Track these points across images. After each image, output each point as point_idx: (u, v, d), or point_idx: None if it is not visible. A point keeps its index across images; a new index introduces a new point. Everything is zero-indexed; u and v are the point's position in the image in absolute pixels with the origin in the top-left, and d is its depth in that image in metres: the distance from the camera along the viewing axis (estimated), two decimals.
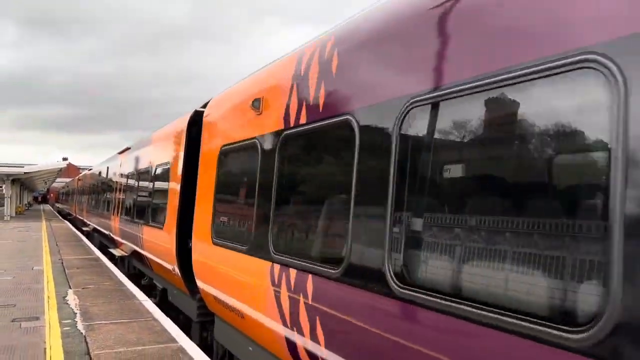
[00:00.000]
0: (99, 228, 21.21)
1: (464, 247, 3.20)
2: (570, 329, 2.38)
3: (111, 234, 17.45)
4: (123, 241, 15.13)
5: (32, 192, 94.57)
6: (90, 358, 6.84)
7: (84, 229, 29.16)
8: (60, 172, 56.69)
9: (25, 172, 41.33)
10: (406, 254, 3.55)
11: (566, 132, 2.75)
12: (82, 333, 8.06)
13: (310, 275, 4.48)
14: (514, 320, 2.62)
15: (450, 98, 3.28)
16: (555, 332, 2.44)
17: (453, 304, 3.01)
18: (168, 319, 9.14)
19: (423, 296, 3.24)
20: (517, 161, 3.07)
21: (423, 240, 3.51)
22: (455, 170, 3.55)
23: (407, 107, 3.59)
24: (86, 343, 7.52)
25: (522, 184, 3.03)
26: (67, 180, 70.34)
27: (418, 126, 3.59)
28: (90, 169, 31.33)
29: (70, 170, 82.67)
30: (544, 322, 2.49)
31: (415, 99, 3.55)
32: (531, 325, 2.53)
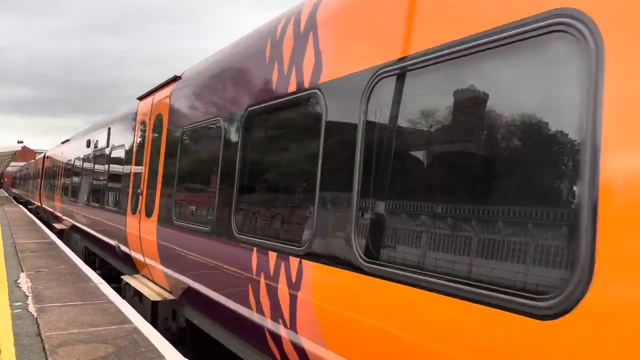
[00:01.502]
0: (88, 230, 14.35)
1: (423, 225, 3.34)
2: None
3: (128, 249, 10.15)
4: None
5: None
6: (42, 339, 6.72)
7: (56, 226, 21.46)
8: (15, 156, 54.93)
9: None
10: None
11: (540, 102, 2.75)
12: (33, 315, 7.90)
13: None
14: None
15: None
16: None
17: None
18: (123, 300, 9.06)
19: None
20: (485, 139, 3.12)
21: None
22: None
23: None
24: (37, 325, 7.38)
25: (492, 161, 3.05)
26: (22, 164, 68.18)
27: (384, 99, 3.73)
28: (67, 141, 22.07)
29: (26, 153, 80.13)
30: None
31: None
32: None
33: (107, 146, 12.74)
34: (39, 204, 31.19)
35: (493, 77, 2.95)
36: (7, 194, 69.73)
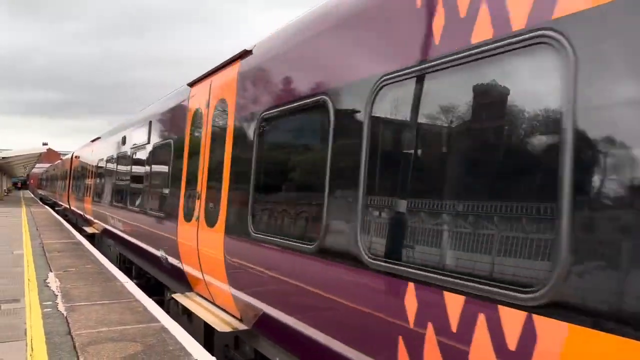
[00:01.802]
0: (125, 236, 12.82)
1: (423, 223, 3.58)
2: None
3: (179, 263, 8.52)
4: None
5: (11, 178, 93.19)
6: (72, 338, 6.83)
7: (87, 230, 20.23)
8: (40, 158, 55.88)
9: (2, 157, 40.64)
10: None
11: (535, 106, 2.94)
12: (63, 314, 8.03)
13: None
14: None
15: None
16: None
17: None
18: (150, 299, 9.16)
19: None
20: (483, 141, 3.33)
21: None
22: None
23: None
24: (67, 323, 7.50)
25: (491, 163, 3.22)
26: (47, 165, 69.33)
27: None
28: (97, 139, 20.03)
29: (51, 155, 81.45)
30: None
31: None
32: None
33: (148, 142, 11.00)
34: (67, 206, 29.35)
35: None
36: (33, 195, 71.00)
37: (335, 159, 4.47)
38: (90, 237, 19.54)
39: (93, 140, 20.99)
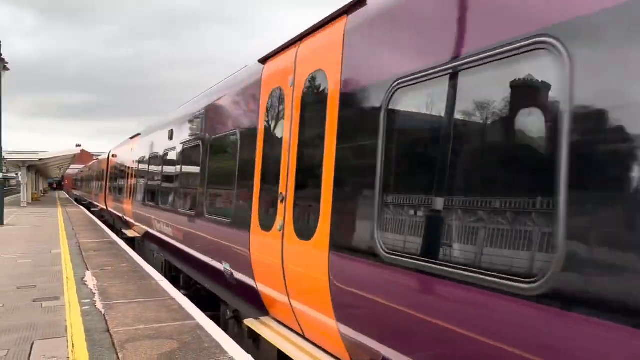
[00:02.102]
0: (174, 242, 11.25)
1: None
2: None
3: (251, 280, 7.03)
4: None
5: (46, 179, 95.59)
6: (110, 335, 6.99)
7: (126, 233, 18.68)
8: (74, 159, 57.25)
9: (39, 159, 41.78)
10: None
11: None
12: (101, 312, 8.23)
13: None
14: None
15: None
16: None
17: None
18: (185, 297, 9.31)
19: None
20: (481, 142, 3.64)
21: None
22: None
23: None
24: (105, 321, 7.68)
25: (496, 160, 3.48)
26: (80, 166, 70.88)
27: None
28: (137, 136, 18.34)
29: (84, 156, 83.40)
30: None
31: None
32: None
33: (203, 135, 9.36)
34: (104, 207, 27.47)
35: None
36: (68, 196, 72.68)
37: (574, 148, 2.74)
38: (130, 241, 18.58)
39: (132, 137, 19.45)
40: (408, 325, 3.90)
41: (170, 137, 12.10)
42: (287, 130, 6.00)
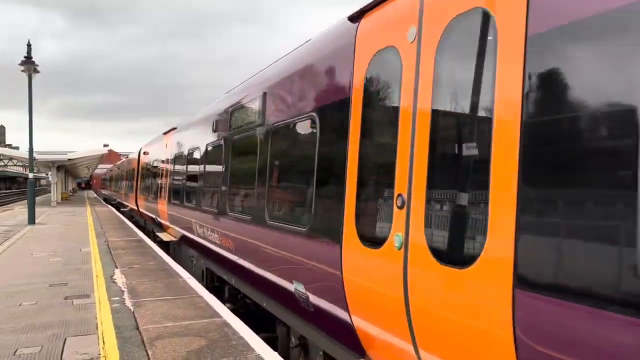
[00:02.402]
0: (221, 251, 9.69)
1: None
2: None
3: (344, 313, 5.19)
4: None
5: (75, 179, 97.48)
6: (140, 332, 7.11)
7: (161, 237, 17.10)
8: (102, 159, 58.20)
9: (68, 159, 42.58)
10: None
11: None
12: (130, 309, 8.36)
13: None
14: None
15: None
16: None
17: None
18: (212, 295, 9.40)
19: None
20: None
21: None
22: None
23: None
24: (135, 318, 7.81)
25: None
26: (109, 166, 72.06)
27: None
28: (172, 130, 16.54)
29: (112, 156, 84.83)
30: None
31: None
32: None
33: (262, 122, 7.66)
34: (134, 207, 25.87)
35: None
36: (96, 195, 73.96)
37: None
38: (165, 245, 17.65)
39: (166, 133, 17.62)
40: None
41: (215, 129, 10.47)
42: (406, 106, 4.26)
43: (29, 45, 24.74)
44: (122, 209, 36.93)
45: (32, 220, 24.61)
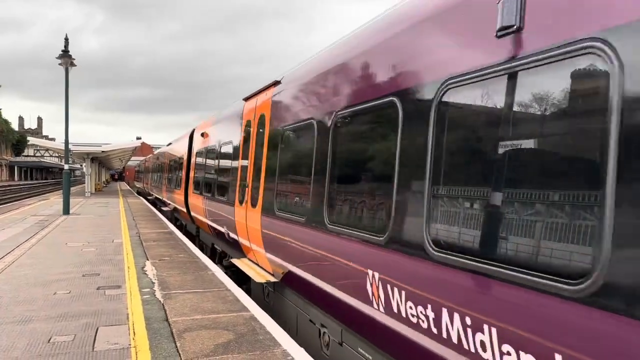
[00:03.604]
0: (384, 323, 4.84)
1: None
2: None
3: None
4: None
5: (109, 170, 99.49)
6: (169, 324, 7.23)
7: (242, 267, 10.14)
8: (135, 151, 59.28)
9: (102, 151, 43.50)
10: None
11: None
12: (160, 301, 8.51)
13: None
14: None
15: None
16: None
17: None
18: (240, 289, 9.49)
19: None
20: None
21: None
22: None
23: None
24: (164, 310, 7.94)
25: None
26: (141, 159, 73.23)
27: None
28: (273, 85, 9.17)
29: (144, 148, 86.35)
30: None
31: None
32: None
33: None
34: (182, 209, 19.33)
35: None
36: (129, 187, 75.29)
37: None
38: (192, 237, 15.39)
39: (253, 96, 10.48)
40: None
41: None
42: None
43: (66, 39, 25.30)
44: (162, 207, 29.32)
45: (67, 210, 25.22)
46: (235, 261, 10.94)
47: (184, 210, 18.81)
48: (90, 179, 46.34)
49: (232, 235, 11.28)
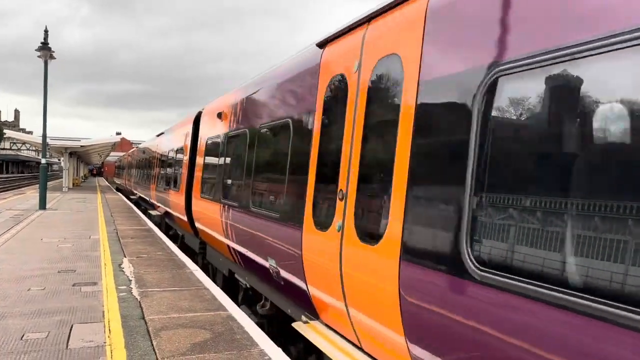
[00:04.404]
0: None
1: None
2: None
3: None
4: None
5: (87, 165, 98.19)
6: (145, 322, 7.16)
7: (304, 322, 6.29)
8: (114, 147, 58.58)
9: (81, 146, 42.93)
10: None
11: None
12: (137, 299, 8.43)
13: None
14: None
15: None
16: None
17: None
18: (217, 288, 9.45)
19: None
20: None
21: None
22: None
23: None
24: (141, 308, 7.87)
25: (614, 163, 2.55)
26: (120, 154, 72.37)
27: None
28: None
29: (124, 144, 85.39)
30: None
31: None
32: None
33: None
34: (184, 219, 14.27)
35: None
36: (107, 183, 74.32)
37: None
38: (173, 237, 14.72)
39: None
40: None
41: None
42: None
43: (46, 31, 24.91)
44: (148, 210, 24.97)
45: (43, 205, 24.83)
46: (300, 327, 6.25)
47: (184, 218, 14.43)
48: (68, 174, 45.66)
49: (287, 275, 6.75)
